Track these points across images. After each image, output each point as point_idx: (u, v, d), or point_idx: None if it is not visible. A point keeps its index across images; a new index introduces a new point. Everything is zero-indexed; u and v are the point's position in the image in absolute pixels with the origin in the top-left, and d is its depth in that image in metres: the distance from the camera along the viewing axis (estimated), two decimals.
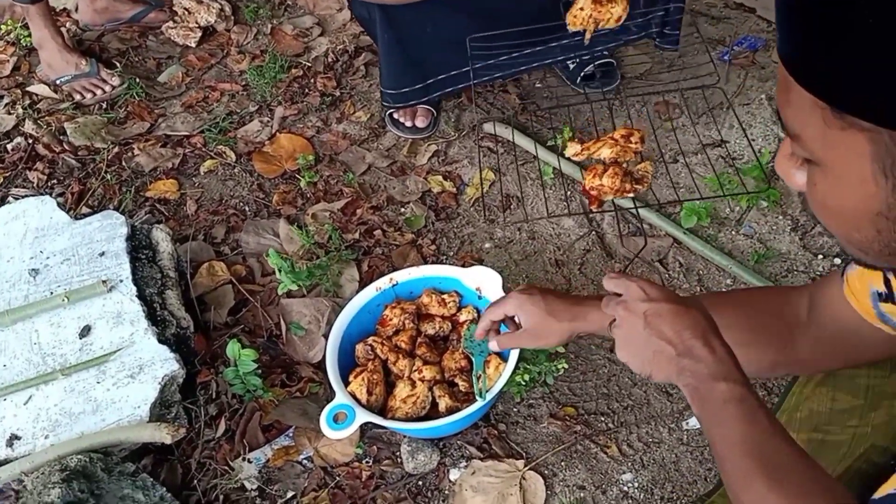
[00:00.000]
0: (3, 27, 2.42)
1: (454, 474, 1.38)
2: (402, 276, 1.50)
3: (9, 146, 2.06)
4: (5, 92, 2.23)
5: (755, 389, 0.84)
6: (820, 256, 1.67)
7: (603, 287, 1.00)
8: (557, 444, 1.41)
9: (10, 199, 1.89)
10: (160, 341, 1.37)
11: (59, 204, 1.61)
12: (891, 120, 0.55)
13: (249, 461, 1.39)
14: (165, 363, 1.34)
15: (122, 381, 1.32)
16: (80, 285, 1.44)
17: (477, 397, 1.30)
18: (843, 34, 0.55)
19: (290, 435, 1.43)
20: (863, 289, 0.90)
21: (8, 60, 2.32)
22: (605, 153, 1.22)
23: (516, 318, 1.19)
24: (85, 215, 1.69)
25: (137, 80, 2.20)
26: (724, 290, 1.63)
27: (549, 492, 1.35)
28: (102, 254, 1.50)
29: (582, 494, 1.35)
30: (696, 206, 1.70)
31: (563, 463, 1.39)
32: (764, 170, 1.78)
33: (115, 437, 1.23)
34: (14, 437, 1.26)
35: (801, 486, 0.75)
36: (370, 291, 1.48)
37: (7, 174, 1.97)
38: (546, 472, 1.38)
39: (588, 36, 1.53)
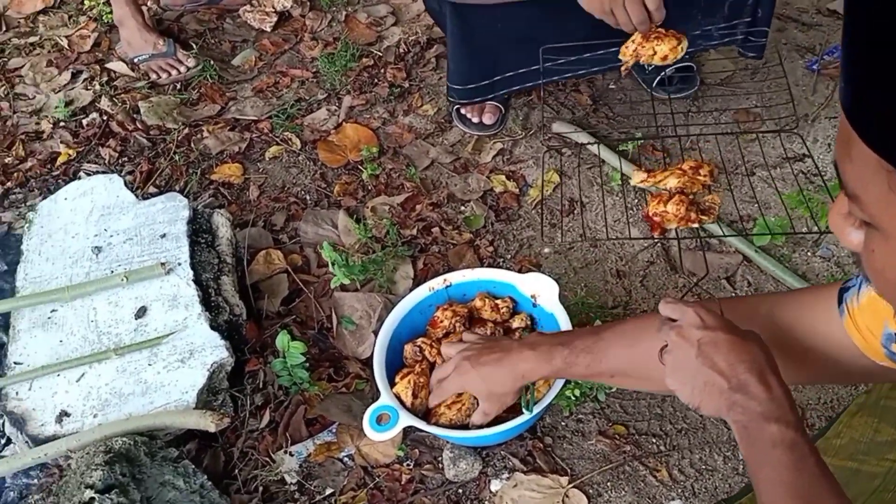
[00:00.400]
0: (86, 2, 2.48)
1: (495, 485, 1.35)
2: (455, 277, 1.47)
3: (84, 121, 2.11)
4: (84, 67, 2.28)
5: (807, 434, 0.79)
6: (842, 281, 1.57)
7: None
8: (605, 462, 1.36)
9: (81, 174, 1.94)
10: (212, 327, 1.38)
11: (126, 183, 1.64)
12: None
13: (291, 454, 1.38)
14: (216, 350, 1.34)
15: (173, 364, 1.33)
16: (140, 266, 1.46)
17: (524, 410, 1.26)
18: None
19: (333, 431, 1.42)
20: (874, 327, 0.85)
21: (89, 36, 2.38)
22: (672, 183, 1.17)
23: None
24: (151, 195, 1.72)
25: (212, 62, 2.22)
26: None
27: None
28: (163, 236, 1.52)
29: None
30: (772, 223, 1.62)
31: (609, 483, 1.34)
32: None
33: (160, 421, 1.24)
34: (64, 414, 1.29)
35: None
36: (423, 291, 1.46)
37: (81, 149, 2.02)
38: (591, 491, 1.33)
39: (624, 69, 1.49)
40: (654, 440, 1.40)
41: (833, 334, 0.89)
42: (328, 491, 1.35)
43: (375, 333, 1.53)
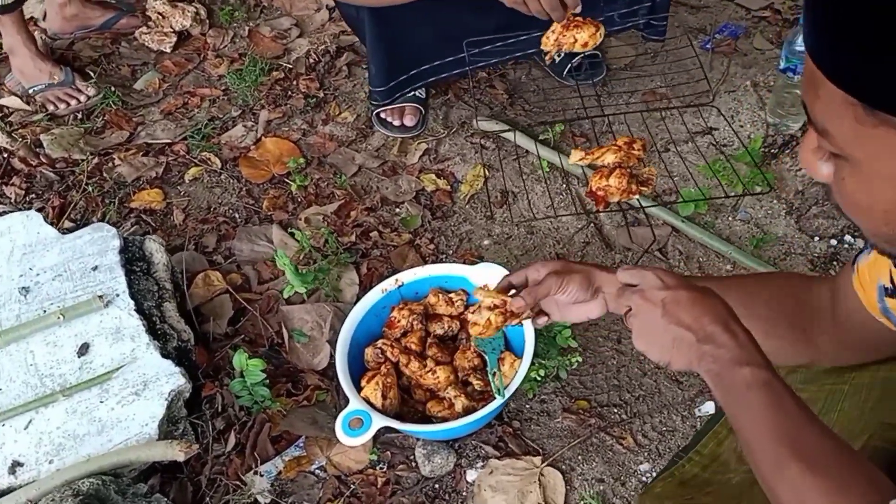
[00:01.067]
0: None
1: (471, 475, 1.36)
2: (407, 276, 1.47)
3: None
4: None
5: (778, 373, 0.83)
6: (816, 238, 1.69)
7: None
8: (573, 438, 1.40)
9: None
10: (163, 355, 1.33)
11: (45, 218, 1.55)
12: None
13: (261, 475, 1.35)
14: (171, 378, 1.29)
15: (127, 398, 1.27)
16: (75, 301, 1.39)
17: (495, 395, 1.28)
18: (878, 27, 0.53)
19: (301, 445, 1.40)
20: (871, 281, 0.90)
21: None
22: (610, 159, 1.22)
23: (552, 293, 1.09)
24: (70, 230, 1.63)
25: (113, 88, 2.13)
26: (724, 275, 1.64)
27: (568, 487, 1.34)
28: (95, 268, 1.45)
29: (601, 487, 1.34)
30: (695, 193, 1.71)
31: (580, 457, 1.38)
32: (752, 155, 1.78)
33: (124, 457, 1.18)
34: (16, 464, 1.21)
35: (837, 471, 0.74)
36: (376, 294, 1.45)
37: None
38: (564, 467, 1.36)
39: (549, 58, 1.53)
40: (615, 410, 1.44)
41: (853, 300, 0.92)
42: None
43: (330, 343, 1.52)
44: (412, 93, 1.86)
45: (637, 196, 1.21)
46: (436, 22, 1.67)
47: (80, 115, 2.10)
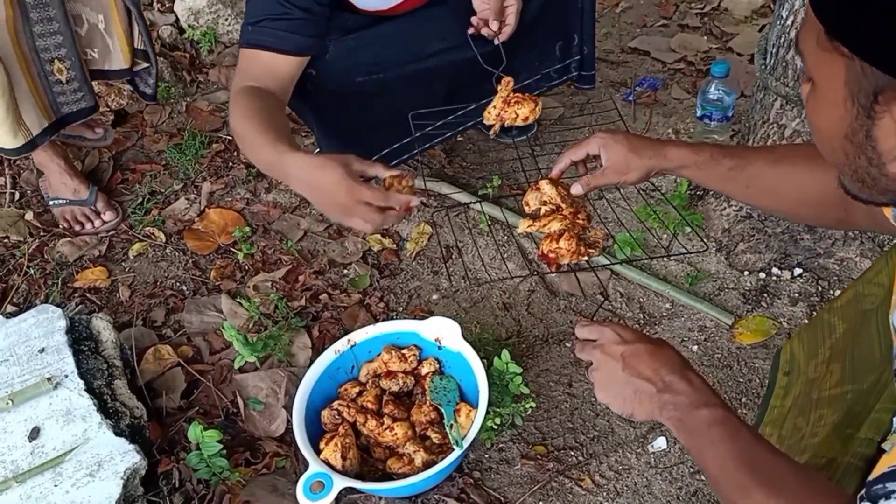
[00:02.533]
0: None
1: None
2: (359, 335, 1.50)
3: None
4: None
5: (733, 410, 0.89)
6: (746, 273, 1.77)
7: (549, 324, 1.04)
8: (533, 484, 1.42)
9: None
10: (116, 434, 1.31)
11: (6, 289, 1.53)
12: (863, 51, 0.64)
13: None
14: (125, 456, 1.28)
15: (82, 480, 1.25)
16: (23, 385, 1.37)
17: (454, 446, 1.30)
18: None
19: None
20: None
21: None
22: (555, 226, 1.28)
23: (600, 157, 1.21)
24: (13, 314, 1.61)
25: None
26: (664, 314, 1.71)
27: None
28: (42, 350, 1.44)
29: None
30: (629, 238, 1.78)
31: (541, 502, 1.40)
32: (683, 197, 1.88)
33: None
34: None
35: (796, 489, 0.80)
36: (329, 355, 1.47)
37: None
38: None
39: (493, 133, 1.58)
40: (572, 453, 1.48)
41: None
42: None
43: (286, 408, 1.52)
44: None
45: (586, 257, 1.27)
46: (384, 106, 1.71)
47: (15, 196, 2.08)
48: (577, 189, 1.26)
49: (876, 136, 0.68)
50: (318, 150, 1.94)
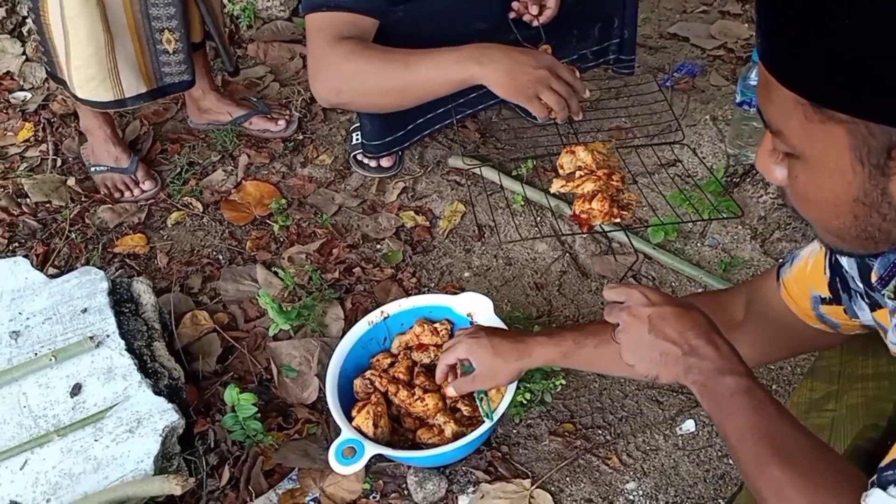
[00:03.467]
0: None
1: (463, 501, 1.39)
2: (392, 308, 1.52)
3: None
4: None
5: (759, 381, 0.89)
6: (780, 260, 1.76)
7: (580, 305, 1.05)
8: (560, 460, 1.43)
9: None
10: (155, 393, 1.35)
11: (32, 264, 1.57)
12: (866, 111, 0.61)
13: None
14: (164, 414, 1.31)
15: (121, 436, 1.29)
16: (66, 343, 1.41)
17: (485, 419, 1.32)
18: (820, 33, 0.60)
19: (294, 478, 1.41)
20: (801, 293, 0.98)
21: None
22: (589, 187, 1.29)
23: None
24: (54, 276, 1.65)
25: None
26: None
27: None
28: (85, 310, 1.47)
29: None
30: (661, 223, 1.78)
31: (567, 478, 1.42)
32: (721, 183, 1.87)
33: (122, 493, 1.19)
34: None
35: (813, 467, 0.79)
36: (363, 326, 1.49)
37: None
38: (553, 488, 1.40)
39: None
40: (600, 431, 1.49)
41: (780, 309, 1.02)
42: None
43: (318, 376, 1.55)
44: (407, 144, 1.92)
45: (618, 219, 1.27)
46: None
47: (57, 163, 2.13)
48: (451, 391, 1.35)
49: (892, 192, 0.65)
50: (357, 118, 1.97)
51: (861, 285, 0.89)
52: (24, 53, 2.51)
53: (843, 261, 0.91)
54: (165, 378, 1.42)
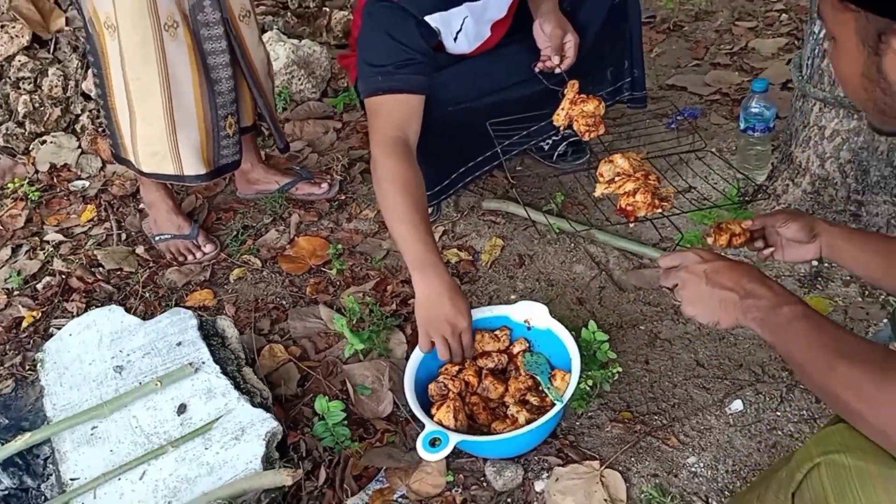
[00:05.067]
0: (10, 185, 2.57)
1: (539, 486, 1.50)
2: None
3: (39, 286, 2.17)
4: (24, 241, 2.35)
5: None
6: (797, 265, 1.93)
7: (621, 314, 1.21)
8: (623, 444, 1.56)
9: (52, 329, 1.99)
10: (254, 406, 1.48)
11: (126, 310, 1.73)
12: (864, 3, 0.86)
13: None
14: (264, 423, 1.45)
15: (229, 443, 1.42)
16: (166, 372, 1.55)
17: (556, 402, 1.45)
18: None
19: (382, 479, 1.53)
20: None
21: (20, 214, 2.46)
22: (629, 186, 1.46)
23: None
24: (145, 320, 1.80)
25: None
26: None
27: (628, 484, 1.49)
28: (179, 343, 1.62)
29: (657, 481, 1.49)
30: (690, 236, 1.96)
31: (632, 459, 1.54)
32: (734, 199, 2.06)
33: (239, 487, 1.31)
34: None
35: (878, 359, 0.93)
36: None
37: (45, 308, 2.07)
38: (620, 468, 1.52)
39: (563, 129, 1.78)
40: (656, 417, 1.62)
41: None
42: None
43: (392, 391, 1.68)
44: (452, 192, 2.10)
45: (660, 210, 1.44)
46: (470, 126, 1.92)
47: (122, 237, 2.32)
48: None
49: (885, 69, 0.88)
50: None
51: None
52: (79, 147, 2.74)
53: None
54: (258, 397, 1.55)
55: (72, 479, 1.38)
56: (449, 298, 1.53)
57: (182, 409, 1.50)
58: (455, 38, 1.93)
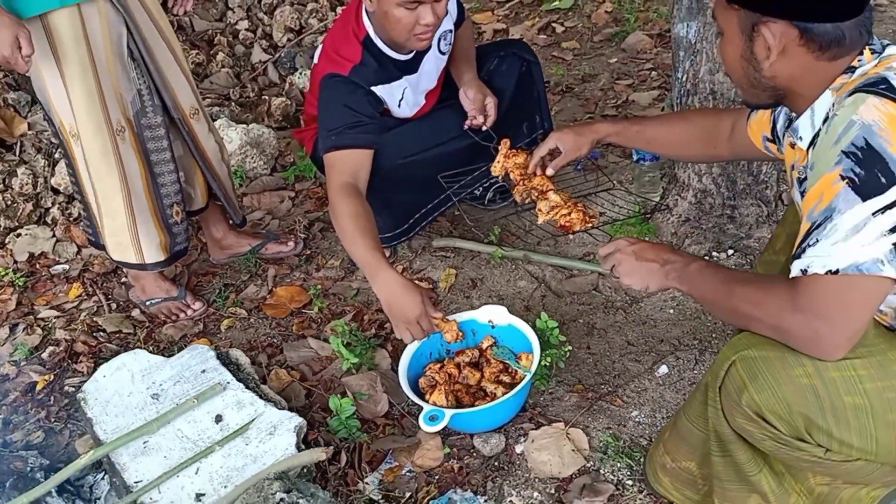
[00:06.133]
0: None
1: (519, 448, 1.86)
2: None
3: (43, 355, 2.39)
4: (20, 320, 2.57)
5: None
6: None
7: (563, 314, 1.62)
8: (580, 408, 1.94)
9: (66, 387, 2.23)
10: (279, 409, 1.79)
11: (148, 352, 2.01)
12: (741, 4, 1.26)
13: (368, 484, 1.78)
14: (291, 420, 1.75)
15: (265, 438, 1.71)
16: (198, 392, 1.84)
17: (525, 373, 1.83)
18: None
19: (390, 460, 1.85)
20: (757, 132, 1.62)
21: (10, 299, 2.68)
22: (565, 212, 1.90)
23: (558, 147, 1.91)
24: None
25: None
26: (643, 294, 2.30)
27: (588, 437, 1.86)
28: (203, 371, 1.91)
29: (611, 432, 1.87)
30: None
31: (589, 419, 1.91)
32: (638, 217, 2.53)
33: (283, 465, 1.61)
34: (199, 495, 1.60)
35: (761, 280, 1.38)
36: (414, 343, 1.98)
37: (56, 371, 2.30)
38: (581, 426, 1.89)
39: (501, 178, 2.20)
40: (602, 386, 2.01)
41: (745, 135, 1.64)
42: (408, 495, 1.77)
43: (387, 392, 2.01)
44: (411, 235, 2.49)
45: (590, 224, 1.87)
46: (418, 176, 2.33)
47: (120, 304, 2.57)
48: (549, 171, 1.92)
49: (755, 50, 1.28)
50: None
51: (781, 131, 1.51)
52: (53, 236, 2.98)
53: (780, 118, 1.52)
54: (279, 405, 1.86)
55: (135, 483, 1.64)
56: (403, 295, 1.84)
57: (219, 418, 1.78)
58: (399, 105, 2.36)
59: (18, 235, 2.96)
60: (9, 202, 3.01)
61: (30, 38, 1.89)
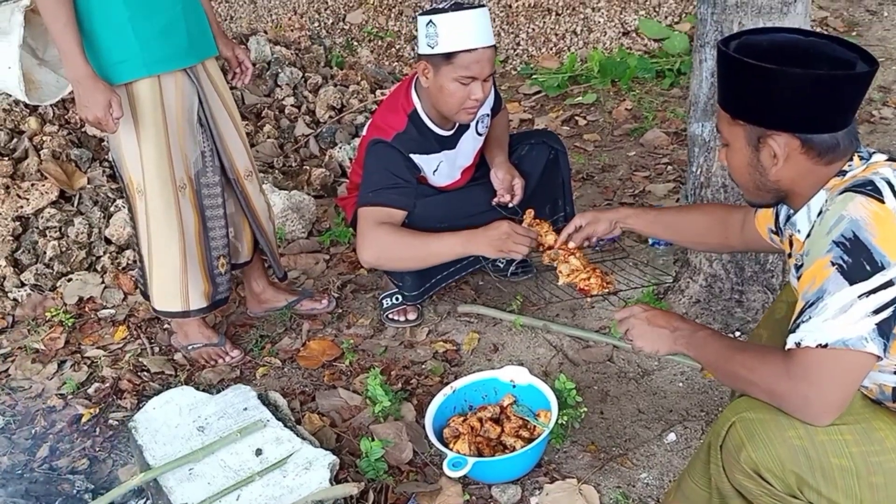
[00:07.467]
0: (47, 314, 2.97)
1: (534, 500, 1.99)
2: (458, 383, 2.19)
3: (89, 391, 2.56)
4: (68, 357, 2.75)
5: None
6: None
7: (578, 381, 1.79)
8: (593, 467, 2.07)
9: (111, 420, 2.38)
10: (314, 447, 1.94)
11: (195, 388, 2.17)
12: (748, 120, 1.46)
13: None
14: (326, 457, 1.90)
15: (301, 472, 1.86)
16: (240, 427, 1.99)
17: (544, 429, 1.97)
18: (735, 96, 1.48)
19: (413, 503, 1.98)
20: (763, 224, 1.80)
21: (59, 337, 2.86)
22: (584, 275, 2.08)
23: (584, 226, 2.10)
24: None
25: None
26: (654, 367, 2.46)
27: (600, 494, 1.99)
28: (245, 408, 2.07)
29: (621, 491, 2.00)
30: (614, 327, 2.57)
31: (601, 477, 2.05)
32: (651, 297, 2.71)
33: (319, 496, 1.75)
34: None
35: (757, 349, 1.54)
36: (440, 397, 2.14)
37: (101, 406, 2.46)
38: (593, 483, 2.02)
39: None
40: (614, 448, 2.15)
41: (753, 228, 1.82)
42: None
43: (412, 441, 2.16)
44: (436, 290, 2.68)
45: (607, 289, 2.05)
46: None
47: (155, 350, 2.75)
48: (571, 244, 2.11)
49: (762, 159, 1.48)
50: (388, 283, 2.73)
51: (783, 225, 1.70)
52: (102, 282, 3.18)
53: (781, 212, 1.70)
54: (314, 444, 2.00)
55: None
56: (483, 229, 2.22)
57: (259, 452, 1.93)
58: (434, 173, 2.58)
59: (70, 280, 3.17)
60: (63, 248, 3.22)
61: (120, 102, 2.14)
